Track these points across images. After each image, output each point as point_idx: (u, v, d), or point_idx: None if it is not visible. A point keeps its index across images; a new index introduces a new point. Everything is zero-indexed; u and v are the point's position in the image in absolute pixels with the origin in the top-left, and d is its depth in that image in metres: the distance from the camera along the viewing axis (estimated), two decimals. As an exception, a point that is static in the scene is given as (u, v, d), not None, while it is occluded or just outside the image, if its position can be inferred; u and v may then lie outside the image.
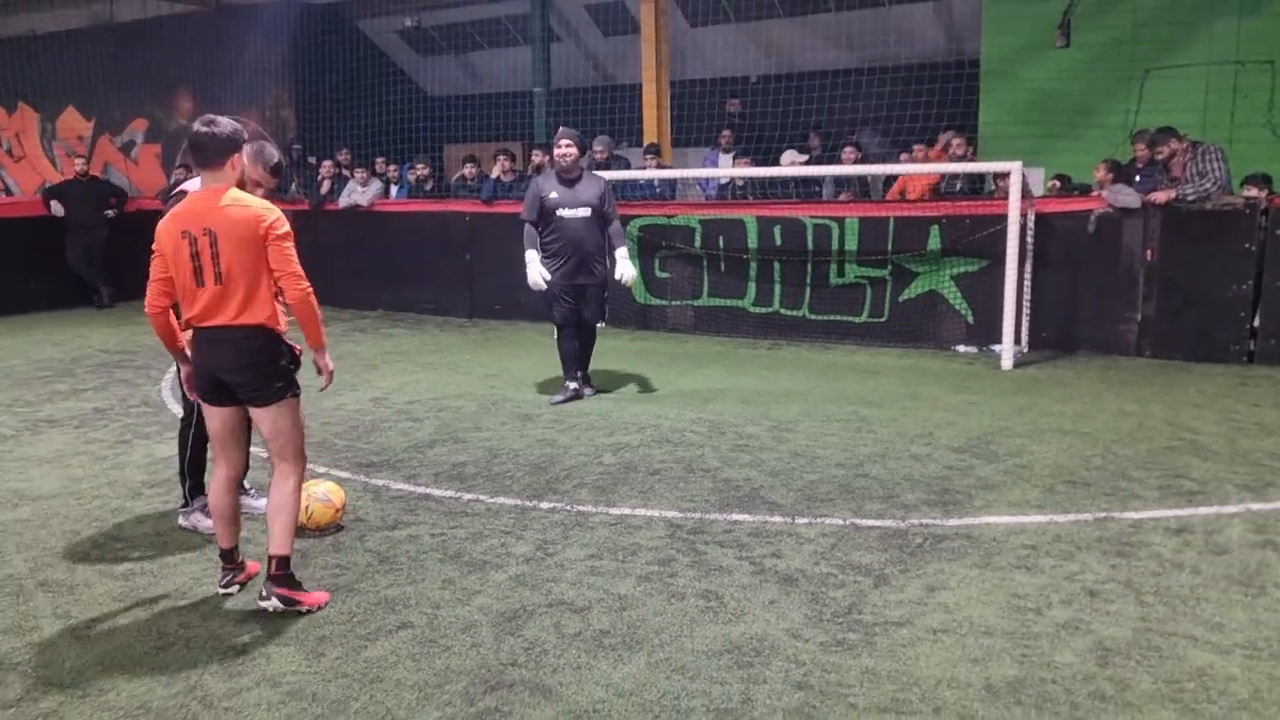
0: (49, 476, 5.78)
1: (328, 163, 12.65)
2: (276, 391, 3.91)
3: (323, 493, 4.82)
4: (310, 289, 3.91)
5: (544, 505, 5.15)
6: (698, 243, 10.20)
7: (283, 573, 3.89)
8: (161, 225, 3.84)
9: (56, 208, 12.82)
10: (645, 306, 10.60)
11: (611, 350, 9.50)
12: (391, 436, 6.55)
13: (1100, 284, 8.73)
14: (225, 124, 3.81)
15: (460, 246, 11.58)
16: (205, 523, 4.76)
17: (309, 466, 5.68)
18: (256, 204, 3.83)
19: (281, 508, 3.93)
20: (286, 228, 3.85)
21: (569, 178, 7.27)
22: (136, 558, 4.54)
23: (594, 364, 7.86)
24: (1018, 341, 8.70)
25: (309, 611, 3.89)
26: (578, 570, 4.30)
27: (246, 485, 5.31)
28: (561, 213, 7.22)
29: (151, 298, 3.92)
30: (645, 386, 7.87)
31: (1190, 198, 8.25)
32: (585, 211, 7.22)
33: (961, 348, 9.17)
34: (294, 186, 12.76)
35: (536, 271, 7.27)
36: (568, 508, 5.10)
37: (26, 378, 8.59)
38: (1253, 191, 8.28)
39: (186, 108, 15.87)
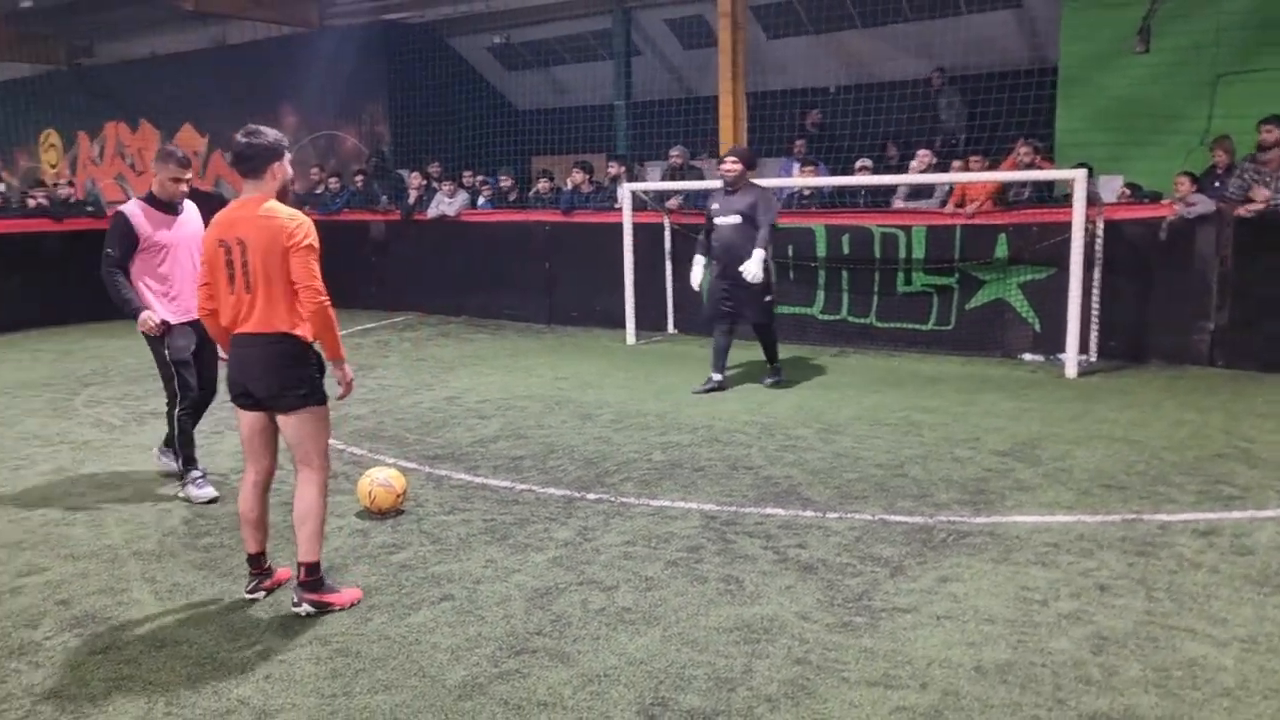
0: (149, 462, 6.35)
1: (415, 174, 13.26)
2: (298, 399, 3.95)
3: (385, 478, 5.22)
4: (327, 302, 3.91)
5: (590, 496, 5.46)
6: (767, 251, 10.38)
7: (311, 579, 3.99)
8: (206, 233, 4.05)
9: None
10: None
11: (679, 355, 9.80)
12: (459, 432, 6.96)
13: (1172, 292, 8.63)
14: (267, 133, 3.93)
15: (540, 255, 12.02)
16: (197, 493, 5.53)
17: (371, 454, 6.13)
18: (284, 214, 3.88)
19: (307, 515, 3.98)
20: (311, 240, 3.89)
21: (731, 190, 8.13)
22: (217, 533, 5.02)
23: (658, 369, 8.15)
24: (1084, 350, 8.67)
25: (342, 610, 4.00)
26: (611, 554, 4.59)
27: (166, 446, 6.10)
28: (717, 220, 8.14)
29: (200, 301, 4.15)
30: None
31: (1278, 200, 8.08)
32: (735, 219, 7.98)
33: (1028, 356, 9.16)
34: (384, 198, 13.40)
35: (694, 275, 8.42)
36: (612, 499, 5.40)
37: (138, 375, 9.32)
38: (1330, 199, 8.09)
39: (290, 124, 16.77)
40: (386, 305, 13.27)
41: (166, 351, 5.61)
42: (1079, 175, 8.18)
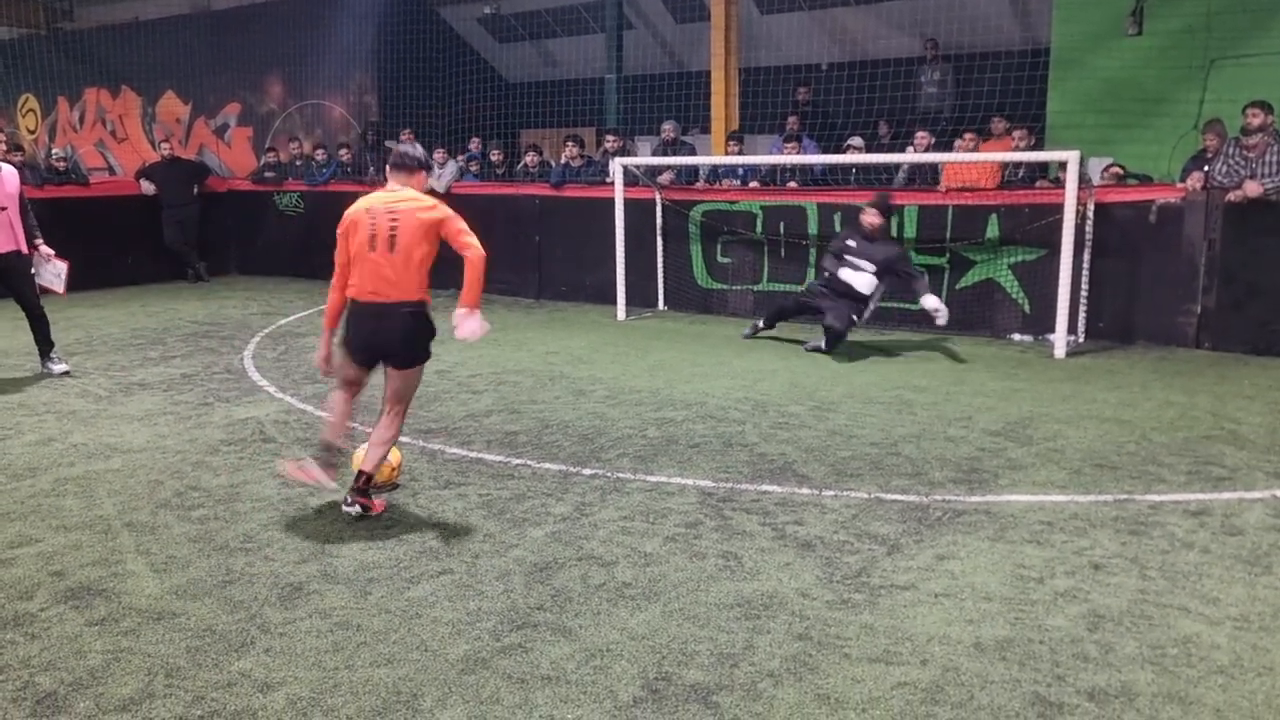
0: (138, 433, 6.30)
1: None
2: (417, 358, 4.89)
3: (380, 452, 5.22)
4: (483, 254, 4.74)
5: (586, 471, 5.46)
6: (759, 228, 10.39)
7: (362, 485, 4.78)
8: (350, 210, 4.73)
9: (147, 186, 13.59)
10: (706, 290, 10.84)
11: (670, 332, 9.79)
12: (451, 406, 6.93)
13: (1160, 275, 8.69)
14: (421, 151, 4.92)
15: (530, 229, 11.95)
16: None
17: (365, 428, 6.11)
18: (430, 201, 4.75)
19: (382, 440, 4.84)
20: (448, 209, 4.75)
21: (870, 239, 8.74)
22: (211, 505, 4.99)
23: (650, 344, 8.13)
24: (1073, 331, 8.72)
25: (375, 515, 4.77)
26: (610, 530, 4.60)
27: (54, 355, 7.96)
28: (849, 257, 8.75)
29: (336, 280, 4.80)
30: (698, 367, 8.13)
31: (1269, 187, 8.08)
32: (869, 267, 8.80)
33: (1017, 336, 9.21)
34: (372, 170, 13.27)
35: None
36: (608, 474, 5.40)
37: (122, 345, 9.23)
38: (1319, 184, 8.13)
39: (276, 92, 16.56)
40: (373, 278, 13.14)
41: None
42: (1072, 156, 8.19)
